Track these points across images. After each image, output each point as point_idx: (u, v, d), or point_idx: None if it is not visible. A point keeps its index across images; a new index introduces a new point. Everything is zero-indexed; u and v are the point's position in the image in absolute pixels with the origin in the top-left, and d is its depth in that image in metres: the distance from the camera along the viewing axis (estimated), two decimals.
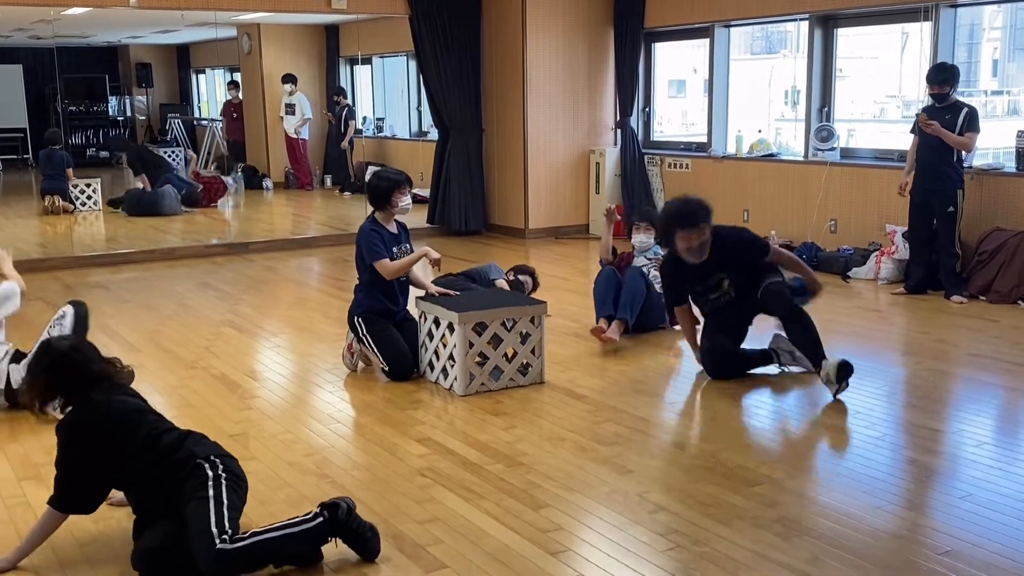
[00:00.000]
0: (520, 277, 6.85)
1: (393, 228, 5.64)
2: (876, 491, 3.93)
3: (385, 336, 5.51)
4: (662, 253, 6.33)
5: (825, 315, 6.97)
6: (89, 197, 12.45)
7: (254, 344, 6.51)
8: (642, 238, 6.52)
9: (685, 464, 4.26)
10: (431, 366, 5.45)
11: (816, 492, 3.96)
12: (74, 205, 12.25)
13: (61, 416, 3.47)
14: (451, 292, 5.59)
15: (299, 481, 4.10)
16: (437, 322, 5.31)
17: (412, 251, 5.67)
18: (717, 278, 5.41)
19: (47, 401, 3.55)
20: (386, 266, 5.49)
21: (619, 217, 6.38)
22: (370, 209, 5.70)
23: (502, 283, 6.49)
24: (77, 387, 3.43)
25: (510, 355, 5.32)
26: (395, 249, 5.58)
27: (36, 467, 4.30)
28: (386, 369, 5.50)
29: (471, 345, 5.17)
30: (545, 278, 8.07)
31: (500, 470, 4.18)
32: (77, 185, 12.37)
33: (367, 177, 12.87)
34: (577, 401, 5.11)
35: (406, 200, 5.63)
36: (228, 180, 13.27)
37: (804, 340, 5.26)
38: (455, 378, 5.21)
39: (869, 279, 8.01)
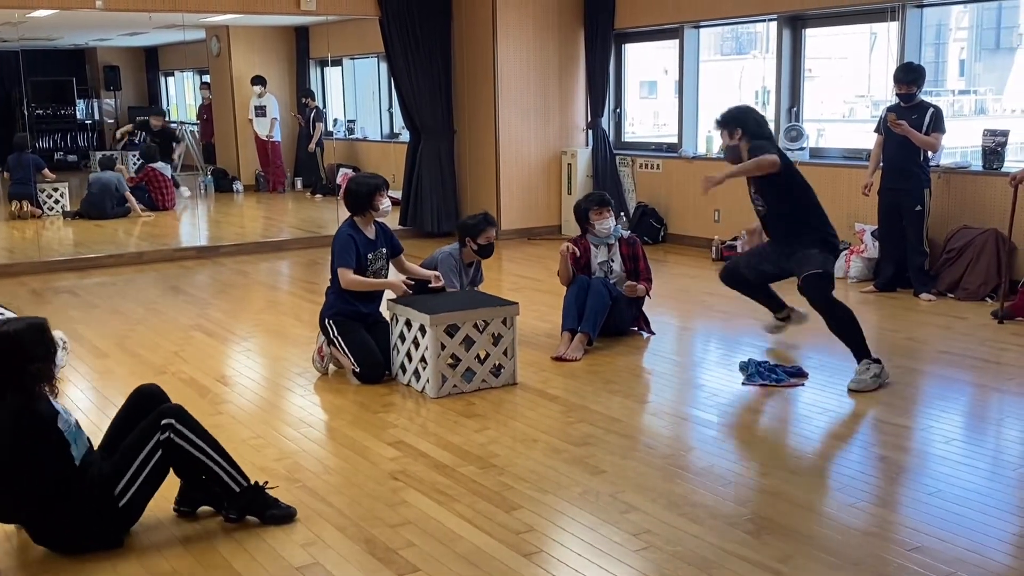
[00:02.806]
0: (480, 242, 6.05)
1: (371, 233, 5.60)
2: (846, 488, 3.95)
3: (356, 338, 5.48)
4: (622, 233, 6.34)
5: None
6: (56, 201, 12.32)
7: (224, 348, 6.46)
8: (606, 223, 6.25)
9: (657, 464, 4.27)
10: (403, 368, 5.43)
11: (787, 490, 3.98)
12: (42, 209, 12.11)
13: None
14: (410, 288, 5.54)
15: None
16: (409, 324, 5.29)
17: (388, 255, 5.65)
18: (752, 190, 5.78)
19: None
20: (347, 276, 5.46)
21: (577, 253, 6.31)
22: (346, 213, 5.67)
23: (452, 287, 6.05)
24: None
25: (482, 357, 5.31)
26: (369, 255, 5.55)
27: None
28: (357, 371, 5.47)
29: (443, 347, 5.15)
30: (517, 279, 8.08)
31: (472, 472, 4.17)
32: (44, 189, 12.24)
33: (338, 179, 12.88)
34: (549, 402, 5.11)
35: (386, 203, 5.60)
36: (159, 166, 13.05)
37: (843, 333, 5.34)
38: (427, 380, 5.20)
39: (839, 278, 8.03)
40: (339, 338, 5.51)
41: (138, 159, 13.62)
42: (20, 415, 3.35)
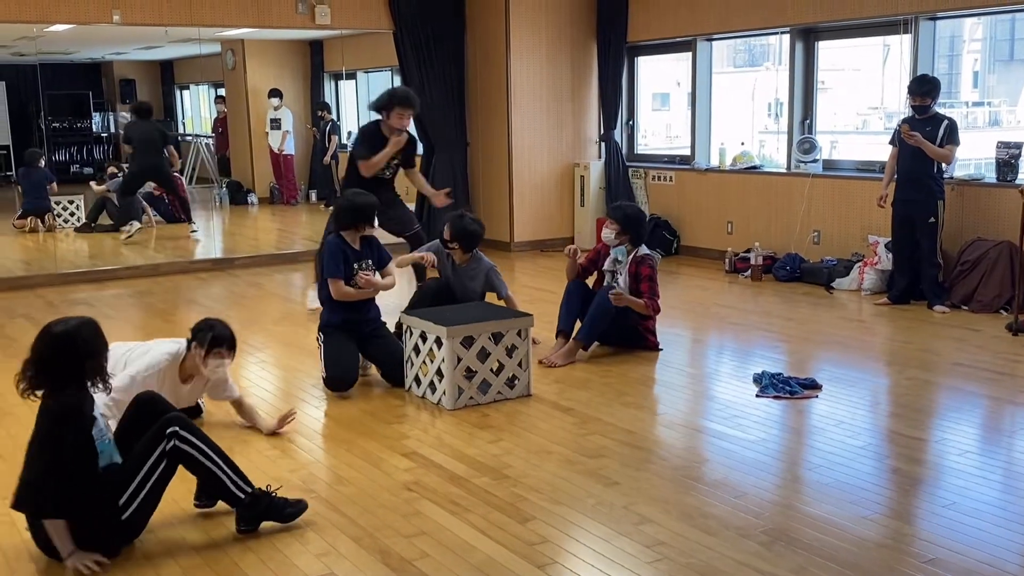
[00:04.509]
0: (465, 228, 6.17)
1: (357, 244, 5.67)
2: (860, 500, 3.95)
3: (336, 348, 5.55)
4: (618, 256, 6.23)
5: (809, 325, 7.02)
6: (72, 214, 12.40)
7: (239, 360, 6.45)
8: (608, 233, 6.24)
9: (670, 475, 4.27)
10: (417, 380, 5.45)
11: (801, 502, 3.98)
12: (56, 222, 12.17)
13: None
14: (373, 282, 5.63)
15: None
16: (424, 336, 5.31)
17: (374, 265, 5.70)
18: (396, 161, 7.06)
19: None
20: (339, 288, 5.55)
21: (582, 261, 6.34)
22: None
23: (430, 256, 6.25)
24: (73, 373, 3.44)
25: (496, 368, 5.33)
26: (356, 265, 5.62)
27: None
28: (324, 376, 5.55)
29: (459, 359, 5.17)
30: (531, 291, 8.11)
31: (486, 483, 4.18)
32: (60, 202, 12.31)
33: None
34: (563, 414, 5.12)
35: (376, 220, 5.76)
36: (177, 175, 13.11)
37: None
38: (443, 392, 5.21)
39: (852, 290, 8.05)
40: (322, 346, 5.63)
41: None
42: (70, 410, 3.42)
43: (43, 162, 12.18)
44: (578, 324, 6.18)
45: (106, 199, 12.22)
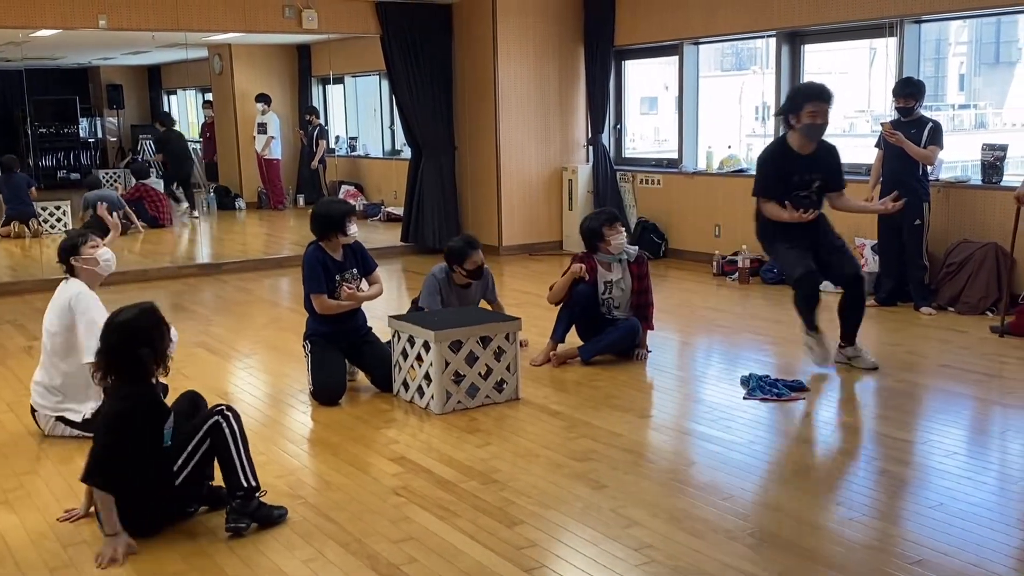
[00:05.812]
0: (467, 267, 6.00)
1: (339, 255, 5.61)
2: (847, 502, 3.96)
3: (323, 360, 5.50)
4: (629, 251, 6.21)
5: (797, 328, 7.03)
6: (59, 220, 12.35)
7: (227, 365, 6.48)
8: (620, 238, 6.14)
9: (658, 478, 4.28)
10: (405, 385, 5.44)
11: (788, 504, 3.98)
12: (41, 228, 12.12)
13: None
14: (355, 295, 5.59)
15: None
16: (412, 341, 5.31)
17: (358, 273, 5.66)
18: (812, 176, 5.75)
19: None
20: (323, 302, 5.51)
21: (587, 278, 6.25)
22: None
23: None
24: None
25: (484, 372, 5.33)
26: (337, 277, 5.57)
27: (4, 492, 4.26)
28: (311, 390, 5.52)
29: (447, 363, 5.17)
30: (519, 295, 8.11)
31: (475, 487, 4.18)
32: (46, 208, 12.26)
33: (340, 196, 12.92)
34: (551, 417, 5.12)
35: (354, 227, 5.61)
36: (151, 182, 13.09)
37: (855, 311, 5.91)
38: (431, 396, 5.21)
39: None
40: (309, 356, 5.57)
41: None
42: (138, 400, 3.73)
43: (19, 168, 12.11)
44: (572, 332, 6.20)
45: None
